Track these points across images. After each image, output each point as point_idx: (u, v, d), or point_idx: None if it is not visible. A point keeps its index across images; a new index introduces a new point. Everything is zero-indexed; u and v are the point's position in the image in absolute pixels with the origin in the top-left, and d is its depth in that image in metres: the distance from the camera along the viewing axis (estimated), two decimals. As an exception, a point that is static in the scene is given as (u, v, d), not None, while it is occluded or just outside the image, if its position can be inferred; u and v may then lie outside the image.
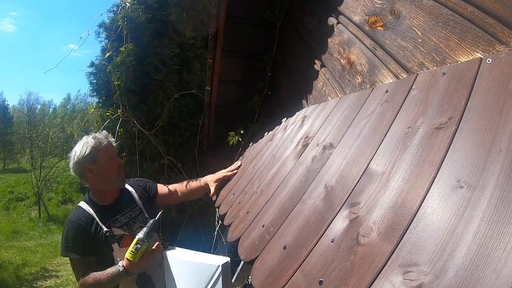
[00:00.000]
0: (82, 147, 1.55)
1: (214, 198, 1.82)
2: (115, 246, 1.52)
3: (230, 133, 2.27)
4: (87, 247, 1.48)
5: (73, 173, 1.62)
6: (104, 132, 1.67)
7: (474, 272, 0.44)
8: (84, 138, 1.61)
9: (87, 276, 1.46)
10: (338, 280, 0.62)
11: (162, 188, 1.88)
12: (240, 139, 2.23)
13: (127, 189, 1.74)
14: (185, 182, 1.96)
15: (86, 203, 1.59)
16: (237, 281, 1.65)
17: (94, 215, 1.53)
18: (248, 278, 1.80)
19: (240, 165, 1.88)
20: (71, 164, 1.58)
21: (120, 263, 1.43)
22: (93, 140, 1.56)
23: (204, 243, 3.07)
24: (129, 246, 1.51)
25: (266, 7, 2.09)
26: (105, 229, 1.51)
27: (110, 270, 1.44)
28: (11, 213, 13.64)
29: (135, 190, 1.75)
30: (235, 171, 1.87)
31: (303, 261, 0.75)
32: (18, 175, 18.60)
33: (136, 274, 1.52)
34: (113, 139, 1.68)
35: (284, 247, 0.86)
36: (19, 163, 27.85)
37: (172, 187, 1.94)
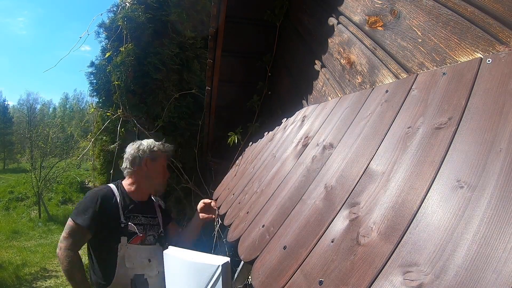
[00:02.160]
0: (151, 144, 1.73)
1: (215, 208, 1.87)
2: (123, 239, 1.54)
3: (230, 133, 2.27)
4: (97, 223, 1.49)
5: (126, 160, 1.71)
6: (169, 146, 1.83)
7: (474, 272, 0.44)
8: (152, 141, 1.79)
9: (73, 252, 1.48)
10: (338, 280, 0.63)
11: (173, 225, 1.91)
12: (239, 138, 2.23)
13: (154, 201, 1.81)
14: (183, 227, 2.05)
15: (116, 187, 1.64)
16: (237, 281, 1.65)
17: (119, 201, 1.58)
18: (248, 278, 1.80)
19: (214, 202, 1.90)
20: (132, 153, 1.69)
21: None
22: (160, 145, 1.77)
23: (204, 243, 3.07)
24: (138, 245, 1.54)
25: (266, 7, 2.09)
26: (122, 219, 1.55)
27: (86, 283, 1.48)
28: (11, 213, 13.61)
29: (159, 208, 1.82)
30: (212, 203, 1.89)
31: (303, 261, 0.75)
32: (18, 175, 18.58)
33: (133, 273, 1.53)
34: (171, 150, 1.85)
35: (284, 247, 0.86)
36: (19, 163, 27.82)
37: (177, 227, 1.97)
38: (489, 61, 0.67)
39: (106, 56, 3.17)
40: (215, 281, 1.28)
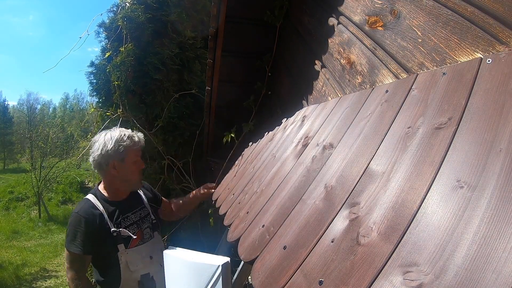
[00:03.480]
0: (114, 143, 1.50)
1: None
2: (120, 246, 1.50)
3: (226, 133, 2.28)
4: (91, 245, 1.46)
5: (92, 162, 1.55)
6: (140, 134, 1.63)
7: (474, 272, 0.44)
8: (118, 132, 1.55)
9: (80, 280, 1.46)
10: (338, 280, 0.62)
11: (165, 201, 1.92)
12: (233, 136, 2.24)
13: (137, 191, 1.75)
14: (179, 199, 2.03)
15: (96, 197, 1.54)
16: (237, 281, 1.65)
17: (104, 212, 1.50)
18: (248, 278, 1.80)
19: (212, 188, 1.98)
20: (95, 155, 1.51)
21: None
22: (128, 140, 1.54)
23: (202, 243, 3.08)
24: (137, 246, 1.51)
25: (266, 7, 2.09)
26: (112, 228, 1.49)
27: None
28: (11, 213, 13.62)
29: (143, 193, 1.76)
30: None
31: (303, 261, 0.75)
32: (18, 175, 18.57)
33: (139, 274, 1.52)
34: (141, 140, 1.64)
35: (284, 247, 0.86)
36: (19, 163, 27.81)
37: (171, 202, 1.97)
38: (489, 61, 0.67)
39: (106, 56, 3.16)
40: (215, 281, 1.28)
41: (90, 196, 1.55)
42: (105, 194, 1.57)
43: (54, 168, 14.68)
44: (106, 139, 1.52)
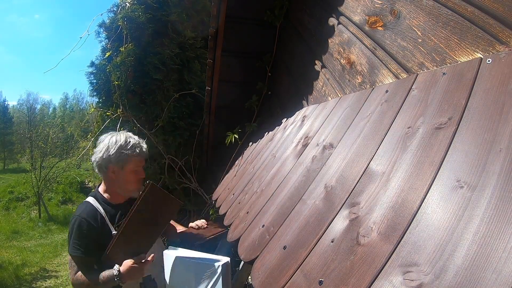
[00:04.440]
0: (117, 149, 1.49)
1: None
2: None
3: (228, 133, 2.28)
4: (92, 246, 1.44)
5: (94, 162, 1.55)
6: (145, 144, 1.60)
7: (474, 272, 0.44)
8: (123, 138, 1.53)
9: (81, 275, 1.43)
10: (338, 280, 0.62)
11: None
12: (236, 137, 2.23)
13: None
14: (183, 229, 2.00)
15: (96, 199, 1.54)
16: (237, 281, 1.65)
17: (104, 215, 1.50)
18: (248, 278, 1.80)
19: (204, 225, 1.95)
20: (97, 156, 1.51)
21: (116, 267, 1.39)
22: (131, 149, 1.52)
23: (202, 245, 3.07)
24: None
25: (266, 7, 2.09)
26: (113, 231, 1.49)
27: (105, 273, 1.40)
28: (11, 213, 13.62)
29: None
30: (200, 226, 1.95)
31: (303, 261, 0.75)
32: (18, 175, 18.57)
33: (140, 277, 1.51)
34: (146, 150, 1.61)
35: (284, 247, 0.86)
36: (19, 163, 27.81)
37: (176, 225, 1.97)
38: (489, 61, 0.67)
39: (106, 56, 3.16)
40: (215, 281, 1.28)
41: (90, 199, 1.55)
42: (106, 196, 1.57)
43: (54, 168, 14.68)
44: (110, 142, 1.52)
